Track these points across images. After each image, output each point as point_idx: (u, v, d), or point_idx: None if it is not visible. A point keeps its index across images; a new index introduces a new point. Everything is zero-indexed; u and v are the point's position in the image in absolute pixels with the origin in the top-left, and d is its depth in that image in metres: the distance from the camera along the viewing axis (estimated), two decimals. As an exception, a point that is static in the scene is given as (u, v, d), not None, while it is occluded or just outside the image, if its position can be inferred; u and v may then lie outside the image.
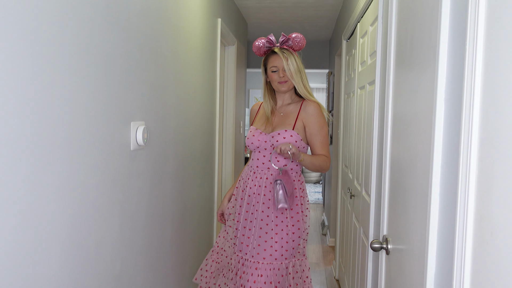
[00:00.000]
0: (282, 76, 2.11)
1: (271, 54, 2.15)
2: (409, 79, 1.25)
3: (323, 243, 4.93)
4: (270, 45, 2.16)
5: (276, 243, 2.04)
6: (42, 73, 1.05)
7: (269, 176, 2.10)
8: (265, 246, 2.04)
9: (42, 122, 1.06)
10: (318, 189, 8.38)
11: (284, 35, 2.12)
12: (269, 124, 2.17)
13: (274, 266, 2.03)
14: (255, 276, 2.01)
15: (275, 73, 2.12)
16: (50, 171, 1.09)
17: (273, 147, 2.07)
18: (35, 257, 1.05)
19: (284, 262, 2.05)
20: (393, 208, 1.38)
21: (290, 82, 2.12)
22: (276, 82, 2.13)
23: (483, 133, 0.76)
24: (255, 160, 2.16)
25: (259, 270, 2.02)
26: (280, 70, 2.11)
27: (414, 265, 1.12)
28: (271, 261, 2.03)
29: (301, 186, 2.16)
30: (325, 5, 3.97)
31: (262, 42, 2.16)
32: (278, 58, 2.11)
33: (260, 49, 2.18)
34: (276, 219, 2.05)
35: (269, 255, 2.03)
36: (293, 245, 2.07)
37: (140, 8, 1.64)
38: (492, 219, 0.71)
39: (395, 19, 1.44)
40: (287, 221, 2.06)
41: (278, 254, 2.03)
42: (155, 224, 1.87)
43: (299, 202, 2.12)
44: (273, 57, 2.13)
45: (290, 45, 2.14)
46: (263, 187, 2.09)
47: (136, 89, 1.62)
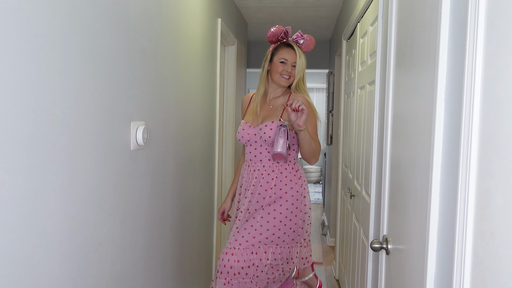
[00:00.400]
0: (289, 71, 2.13)
1: (284, 46, 2.17)
2: (409, 79, 1.25)
3: (323, 243, 4.93)
4: (285, 36, 2.18)
5: (261, 227, 2.05)
6: (42, 73, 1.05)
7: (260, 168, 2.13)
8: (249, 230, 2.05)
9: (42, 122, 1.06)
10: (318, 189, 8.38)
11: (301, 33, 2.17)
12: (257, 117, 2.20)
13: (253, 250, 2.03)
14: (232, 262, 2.01)
15: (283, 64, 2.14)
16: (50, 171, 1.09)
17: (288, 105, 2.05)
18: (35, 257, 1.05)
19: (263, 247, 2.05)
20: (393, 208, 1.38)
21: (291, 79, 2.15)
22: (279, 74, 2.14)
23: (483, 133, 0.76)
24: (248, 153, 2.20)
25: (235, 256, 2.02)
26: (289, 64, 2.13)
27: (414, 265, 1.12)
28: (253, 243, 2.04)
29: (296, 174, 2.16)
30: (325, 5, 3.97)
31: (278, 30, 2.18)
32: (292, 53, 2.14)
33: (275, 35, 2.19)
34: (269, 207, 2.07)
35: (252, 238, 2.04)
36: (286, 230, 2.08)
37: (140, 8, 1.64)
38: (492, 219, 0.71)
39: (395, 19, 1.44)
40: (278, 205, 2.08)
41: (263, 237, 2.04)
42: (155, 224, 1.87)
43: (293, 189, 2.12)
44: (287, 49, 2.15)
45: (301, 44, 2.17)
46: (254, 178, 2.12)
47: (136, 89, 1.62)
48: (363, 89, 2.53)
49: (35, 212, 1.04)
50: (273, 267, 2.09)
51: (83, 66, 1.24)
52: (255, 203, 2.11)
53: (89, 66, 1.27)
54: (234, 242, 2.05)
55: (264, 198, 2.10)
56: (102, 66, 1.35)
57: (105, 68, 1.37)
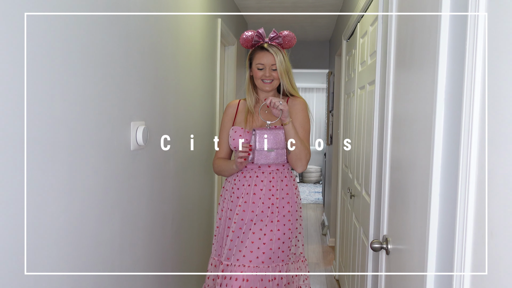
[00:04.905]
0: (268, 76, 2.00)
1: (259, 50, 2.03)
2: (409, 79, 1.25)
3: (323, 243, 4.93)
4: (258, 39, 2.04)
5: (264, 245, 1.92)
6: (42, 73, 1.05)
7: (260, 175, 1.99)
8: (251, 247, 1.92)
9: (42, 122, 1.06)
10: (318, 189, 8.37)
11: (275, 31, 2.02)
12: (254, 123, 2.06)
13: (261, 270, 1.90)
14: (240, 281, 1.87)
15: (261, 70, 2.01)
16: (50, 171, 1.09)
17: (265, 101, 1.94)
18: (35, 257, 1.05)
19: (271, 265, 1.93)
20: (393, 208, 1.38)
21: (274, 82, 2.02)
22: (260, 80, 2.01)
23: (483, 133, 0.76)
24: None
25: (244, 275, 1.89)
26: (267, 69, 2.00)
27: (414, 265, 1.12)
28: (257, 264, 1.91)
29: (294, 182, 2.05)
30: (325, 5, 3.97)
31: (251, 35, 2.04)
32: (267, 55, 2.00)
33: (247, 41, 2.05)
34: (267, 218, 1.95)
35: (256, 258, 1.91)
36: (283, 248, 1.96)
37: (141, 8, 1.64)
38: (492, 219, 0.71)
39: (395, 19, 1.44)
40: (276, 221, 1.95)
41: (266, 257, 1.92)
42: (155, 224, 1.87)
43: (291, 200, 2.01)
44: (261, 53, 2.02)
45: (280, 42, 2.03)
46: (253, 186, 1.98)
47: (136, 89, 1.62)
48: (363, 89, 2.53)
49: (35, 211, 1.04)
50: None
51: (83, 66, 1.24)
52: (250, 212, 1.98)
53: (89, 66, 1.27)
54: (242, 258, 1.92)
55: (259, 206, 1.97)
56: (102, 66, 1.35)
57: (105, 68, 1.37)
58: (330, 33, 5.24)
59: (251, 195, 1.98)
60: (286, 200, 2.00)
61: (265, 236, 1.93)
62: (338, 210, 3.73)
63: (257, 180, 1.99)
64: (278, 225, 1.96)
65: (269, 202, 1.97)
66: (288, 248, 1.99)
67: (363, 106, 2.46)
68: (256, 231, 1.93)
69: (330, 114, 5.26)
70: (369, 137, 2.19)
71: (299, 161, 1.97)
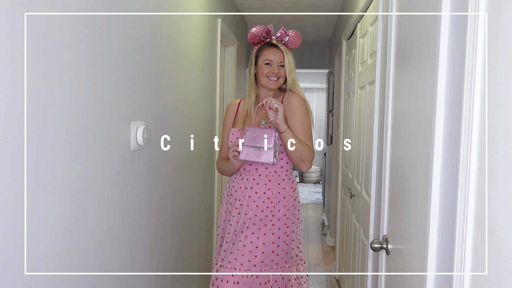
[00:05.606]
0: (275, 72, 1.98)
1: (267, 46, 2.01)
2: (409, 79, 1.25)
3: (323, 243, 4.93)
4: (267, 36, 2.02)
5: (256, 248, 1.90)
6: (42, 73, 1.05)
7: (256, 177, 1.97)
8: (243, 251, 1.90)
9: (42, 122, 1.06)
10: (318, 189, 8.37)
11: (284, 30, 2.01)
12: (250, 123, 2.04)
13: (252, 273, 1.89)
14: (231, 284, 1.86)
15: (268, 66, 1.98)
16: (50, 171, 1.09)
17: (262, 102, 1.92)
18: (35, 257, 1.05)
19: (264, 269, 1.90)
20: (393, 208, 1.38)
21: (280, 80, 2.00)
22: (265, 77, 1.99)
23: (483, 133, 0.76)
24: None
25: (235, 277, 1.87)
26: (275, 65, 1.98)
27: (414, 265, 1.12)
28: (249, 267, 1.88)
29: (292, 185, 2.03)
30: (325, 5, 3.97)
31: (260, 31, 2.02)
32: (276, 52, 1.99)
33: (256, 37, 2.03)
34: (260, 222, 1.93)
35: (247, 261, 1.89)
36: (278, 251, 1.94)
37: (141, 8, 1.64)
38: (492, 219, 0.71)
39: (395, 19, 1.44)
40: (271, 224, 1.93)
41: (258, 261, 1.89)
42: (155, 224, 1.87)
43: (287, 203, 1.98)
44: (270, 49, 2.00)
45: (286, 42, 2.03)
46: (249, 189, 1.96)
47: (136, 89, 1.62)
48: (363, 89, 2.53)
49: (35, 211, 1.04)
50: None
51: (83, 66, 1.24)
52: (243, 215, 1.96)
53: (89, 66, 1.27)
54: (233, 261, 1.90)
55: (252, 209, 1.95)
56: (102, 66, 1.35)
57: (105, 68, 1.37)
58: (330, 33, 5.25)
59: (246, 198, 1.97)
60: (283, 204, 1.97)
61: (258, 239, 1.92)
62: (338, 210, 3.73)
63: (253, 183, 1.97)
64: (272, 229, 1.94)
65: (264, 205, 1.95)
66: (283, 252, 1.98)
67: (363, 106, 2.46)
68: (249, 235, 1.92)
69: (330, 114, 5.26)
70: (369, 137, 2.19)
71: (302, 162, 1.95)
